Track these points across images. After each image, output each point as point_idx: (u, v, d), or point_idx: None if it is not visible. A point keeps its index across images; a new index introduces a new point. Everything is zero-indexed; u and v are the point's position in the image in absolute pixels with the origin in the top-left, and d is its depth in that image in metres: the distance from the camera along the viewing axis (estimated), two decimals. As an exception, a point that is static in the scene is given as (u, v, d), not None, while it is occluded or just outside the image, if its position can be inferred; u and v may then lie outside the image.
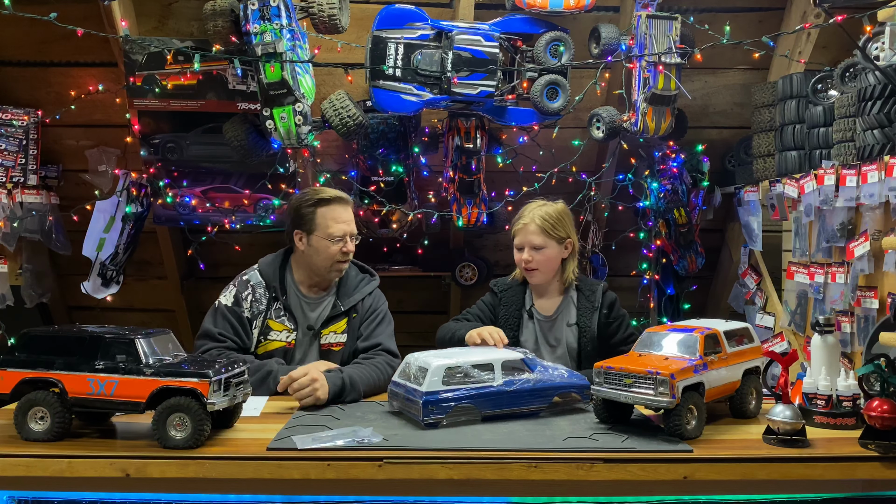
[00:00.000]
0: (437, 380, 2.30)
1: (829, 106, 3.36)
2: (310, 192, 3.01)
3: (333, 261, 2.92)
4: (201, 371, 2.05)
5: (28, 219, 3.83)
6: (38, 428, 2.08)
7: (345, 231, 2.91)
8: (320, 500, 2.08)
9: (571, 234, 3.04)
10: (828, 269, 3.09)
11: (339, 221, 2.91)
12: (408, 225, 4.09)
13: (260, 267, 2.99)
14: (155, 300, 4.62)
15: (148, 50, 3.66)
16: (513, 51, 3.66)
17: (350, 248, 2.93)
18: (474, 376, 2.35)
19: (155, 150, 3.92)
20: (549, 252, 2.98)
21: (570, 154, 3.88)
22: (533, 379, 2.41)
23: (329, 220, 2.90)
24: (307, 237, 2.92)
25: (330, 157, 4.23)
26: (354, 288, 3.02)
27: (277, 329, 2.91)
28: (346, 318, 2.98)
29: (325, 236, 2.89)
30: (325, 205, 2.93)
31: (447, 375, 2.32)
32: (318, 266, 2.94)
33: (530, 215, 3.00)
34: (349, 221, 2.95)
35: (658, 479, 2.00)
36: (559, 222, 2.99)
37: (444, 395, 2.29)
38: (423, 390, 2.28)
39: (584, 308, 3.00)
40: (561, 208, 3.05)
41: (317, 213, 2.91)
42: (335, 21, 3.38)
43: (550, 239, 2.97)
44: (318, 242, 2.90)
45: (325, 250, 2.90)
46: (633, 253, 4.41)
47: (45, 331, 2.22)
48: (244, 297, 2.91)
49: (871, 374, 2.19)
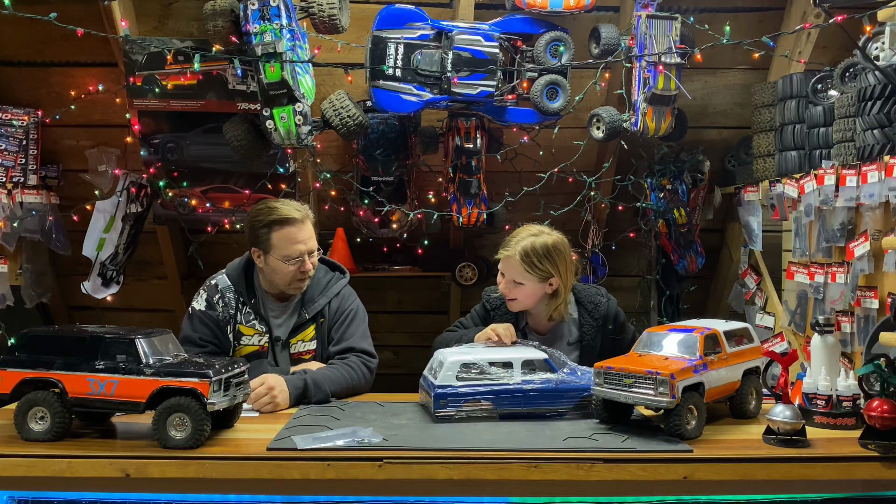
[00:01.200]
0: (451, 374, 2.33)
1: (829, 106, 3.36)
2: (264, 212, 2.86)
3: (292, 279, 2.83)
4: (201, 371, 2.05)
5: (28, 219, 3.83)
6: (38, 428, 2.08)
7: (301, 251, 2.80)
8: (320, 500, 2.08)
9: (560, 271, 2.79)
10: (828, 269, 3.09)
11: (294, 242, 2.80)
12: (408, 225, 4.09)
13: (227, 272, 2.94)
14: (155, 300, 4.62)
15: (148, 50, 3.66)
16: (513, 51, 3.66)
17: (308, 266, 2.83)
18: (491, 373, 2.35)
19: (155, 150, 3.92)
20: (527, 290, 2.79)
21: (570, 154, 3.88)
22: (555, 380, 2.38)
23: (285, 242, 2.79)
24: (264, 256, 2.84)
25: (330, 157, 4.23)
26: (320, 292, 2.93)
27: (248, 333, 2.87)
28: (313, 325, 2.91)
29: (280, 258, 2.79)
30: (279, 226, 2.80)
31: (462, 371, 2.34)
32: (277, 283, 2.86)
33: (516, 247, 2.79)
34: (306, 240, 2.83)
35: (658, 479, 2.00)
36: (545, 259, 2.76)
37: (456, 389, 2.31)
38: (436, 383, 2.32)
39: (588, 325, 2.86)
40: (552, 243, 2.80)
41: (272, 235, 2.80)
42: (335, 21, 3.38)
43: (531, 275, 2.76)
44: (275, 263, 2.81)
45: (282, 271, 2.81)
46: (633, 253, 4.41)
47: (45, 331, 2.22)
48: (216, 301, 2.87)
49: (871, 374, 2.19)
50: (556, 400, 2.38)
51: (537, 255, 2.76)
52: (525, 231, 2.87)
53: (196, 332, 2.85)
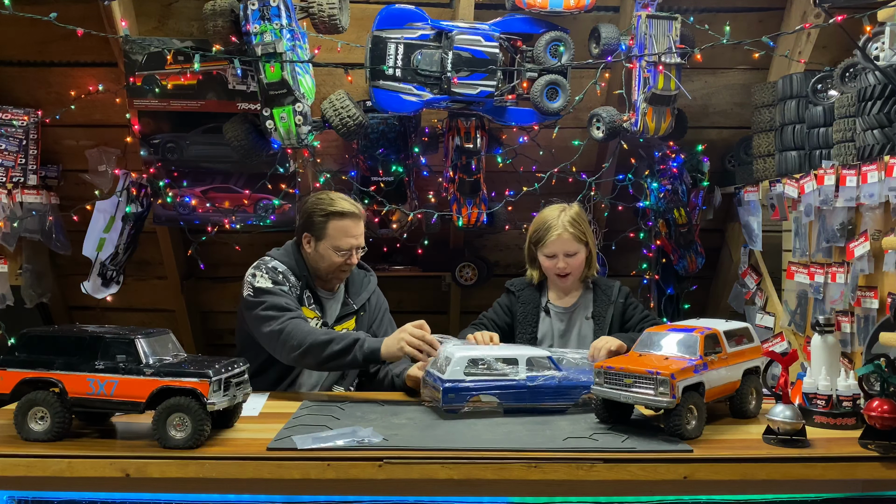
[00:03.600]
0: (459, 369, 2.39)
1: (829, 106, 3.36)
2: (325, 200, 3.02)
3: (336, 269, 2.99)
4: (201, 371, 2.05)
5: (28, 219, 3.83)
6: (38, 428, 2.08)
7: (352, 245, 2.97)
8: (320, 500, 2.08)
9: (590, 235, 3.14)
10: (828, 269, 3.09)
11: (349, 236, 2.96)
12: (408, 225, 4.09)
13: (278, 258, 2.99)
14: (155, 300, 4.62)
15: (148, 50, 3.65)
16: (513, 51, 3.66)
17: (354, 260, 2.99)
18: (497, 369, 2.42)
19: (155, 150, 3.92)
20: (581, 256, 3.09)
21: (570, 154, 3.88)
22: (558, 377, 2.45)
23: (339, 233, 2.95)
24: (315, 242, 2.98)
25: (330, 157, 4.23)
26: (363, 287, 3.12)
27: (310, 316, 2.93)
28: (354, 317, 3.07)
29: (332, 247, 2.95)
30: (339, 218, 2.96)
31: (470, 366, 2.40)
32: (320, 270, 3.00)
33: (561, 224, 3.05)
34: (359, 236, 3.00)
35: (658, 479, 2.00)
36: (585, 226, 3.11)
37: (464, 384, 2.37)
38: (444, 378, 2.37)
39: (601, 301, 3.11)
40: (579, 210, 3.16)
41: (329, 224, 2.95)
42: (335, 21, 3.38)
43: (581, 244, 3.07)
44: (325, 251, 2.96)
45: (330, 259, 2.96)
46: (633, 253, 4.41)
47: (45, 331, 2.23)
48: (281, 281, 2.91)
49: (871, 374, 2.19)
50: (560, 396, 2.45)
51: (579, 225, 3.08)
52: (555, 209, 3.13)
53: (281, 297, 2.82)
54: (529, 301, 3.16)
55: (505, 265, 4.63)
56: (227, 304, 4.62)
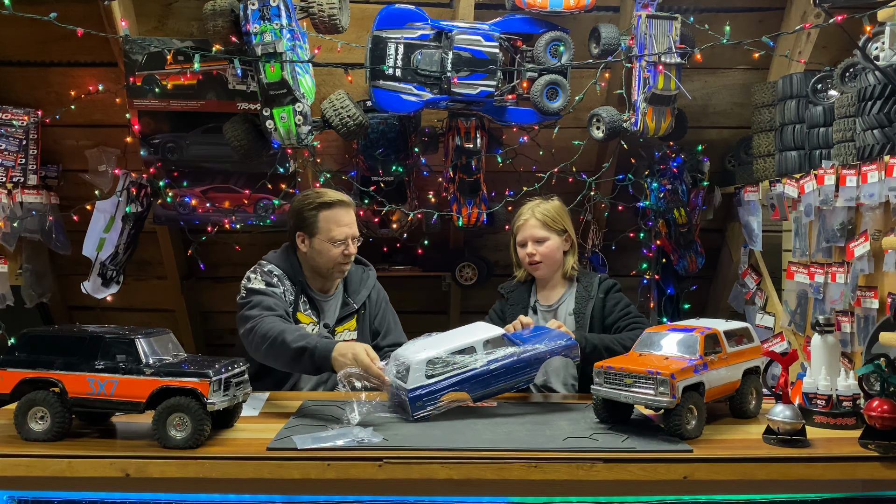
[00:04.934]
0: (419, 375, 2.34)
1: (829, 106, 3.36)
2: (312, 195, 3.03)
3: (335, 263, 2.96)
4: (201, 371, 2.05)
5: (28, 219, 3.83)
6: (38, 428, 2.08)
7: (346, 234, 2.94)
8: (320, 500, 2.08)
9: (569, 227, 3.15)
10: (828, 269, 3.09)
11: (341, 225, 2.94)
12: (408, 225, 4.09)
13: (274, 262, 2.98)
14: (155, 300, 4.62)
15: (148, 50, 3.65)
16: (513, 51, 3.65)
17: (352, 250, 2.97)
18: (457, 362, 2.39)
19: (155, 150, 3.92)
20: (552, 244, 3.08)
21: (570, 154, 3.88)
22: (517, 352, 2.43)
23: (331, 224, 2.93)
24: (309, 239, 2.96)
25: (330, 157, 4.23)
26: (361, 284, 3.10)
27: (305, 322, 2.94)
28: (355, 316, 3.05)
29: (327, 239, 2.93)
30: (328, 208, 2.95)
31: (429, 368, 2.36)
32: (321, 267, 2.98)
33: (530, 211, 3.11)
34: (351, 224, 2.98)
35: (658, 479, 2.00)
36: (558, 216, 3.11)
37: (429, 388, 2.34)
38: (407, 387, 2.33)
39: (581, 297, 3.08)
40: (557, 204, 3.17)
41: (319, 217, 2.94)
42: (335, 21, 3.38)
43: (551, 231, 3.08)
44: (321, 245, 2.94)
45: (327, 253, 2.94)
46: (633, 253, 4.41)
47: (45, 331, 2.23)
48: (275, 284, 2.89)
49: (871, 374, 2.19)
50: (523, 371, 2.43)
51: (551, 213, 3.10)
52: (530, 202, 3.17)
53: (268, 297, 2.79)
54: (518, 301, 3.16)
55: (505, 265, 4.62)
56: (227, 305, 4.61)
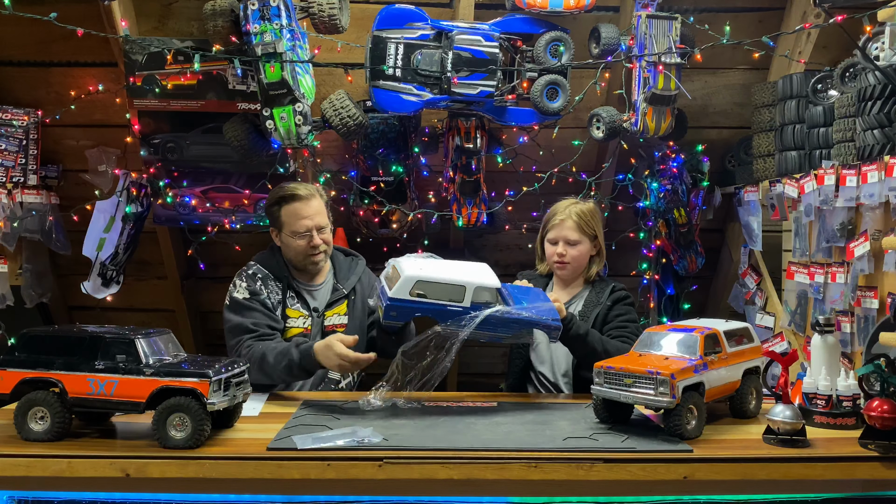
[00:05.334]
0: (405, 289, 2.37)
1: (829, 106, 3.36)
2: (274, 190, 3.10)
3: (305, 255, 3.01)
4: (201, 371, 2.05)
5: (28, 219, 3.83)
6: (38, 428, 2.08)
7: (308, 226, 2.98)
8: (320, 500, 2.08)
9: (600, 233, 3.14)
10: (828, 269, 3.09)
11: (300, 217, 2.98)
12: (408, 225, 4.09)
13: (259, 262, 3.07)
14: (155, 300, 4.62)
15: (148, 50, 3.65)
16: (513, 51, 3.65)
17: (317, 241, 2.99)
18: (443, 294, 2.39)
19: (155, 150, 3.92)
20: (582, 248, 3.08)
21: (570, 154, 3.88)
22: (502, 310, 2.43)
23: (291, 217, 2.99)
24: (279, 234, 3.05)
25: (330, 157, 4.23)
26: (348, 270, 3.16)
27: (294, 316, 3.00)
28: (346, 301, 3.09)
29: (289, 234, 3.00)
30: (287, 202, 3.01)
31: (417, 287, 2.38)
32: (293, 260, 3.05)
33: (566, 211, 3.09)
34: (313, 216, 3.00)
35: (658, 479, 2.00)
36: (592, 220, 3.10)
37: (407, 304, 2.37)
38: (389, 294, 2.37)
39: (591, 302, 3.07)
40: (594, 207, 3.16)
41: (281, 212, 3.02)
42: (335, 21, 3.38)
43: (584, 236, 3.07)
44: (287, 239, 3.02)
45: (294, 246, 3.01)
46: (633, 253, 4.41)
47: (45, 331, 2.23)
48: (258, 288, 2.97)
49: (871, 374, 2.20)
50: (499, 328, 2.42)
51: (587, 216, 3.09)
52: (567, 201, 3.16)
53: (246, 318, 2.89)
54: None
55: (505, 265, 4.62)
56: (227, 304, 4.62)
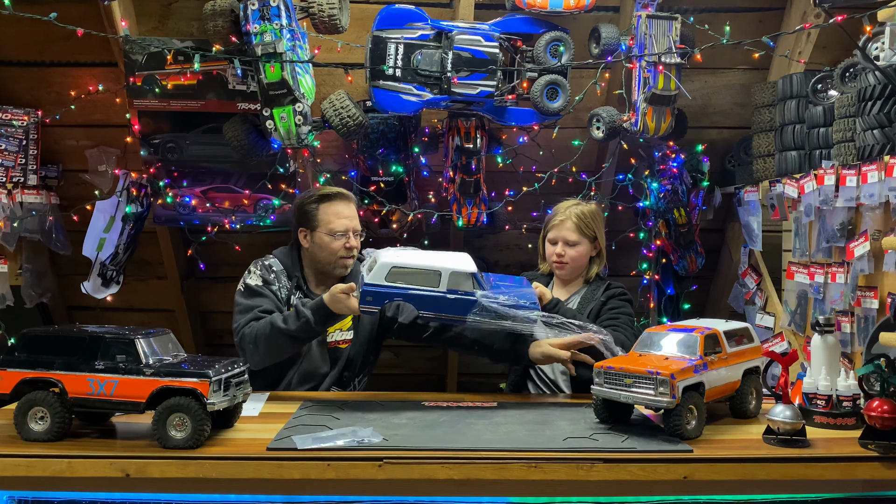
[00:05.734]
0: (380, 274, 2.44)
1: (829, 106, 3.36)
2: (313, 190, 3.16)
3: (337, 256, 3.00)
4: (201, 371, 2.05)
5: (28, 219, 3.83)
6: (38, 428, 2.08)
7: (347, 226, 2.99)
8: (320, 500, 2.08)
9: (601, 234, 3.16)
10: (828, 269, 3.09)
11: (341, 217, 3.00)
12: (408, 225, 4.08)
13: (277, 256, 3.06)
14: (155, 300, 4.61)
15: (148, 50, 3.65)
16: (513, 51, 3.65)
17: (353, 243, 3.01)
18: (419, 281, 2.46)
19: (155, 150, 3.92)
20: (581, 249, 3.10)
21: (570, 154, 3.88)
22: (478, 294, 2.48)
23: (331, 216, 2.99)
24: (311, 234, 3.01)
25: (330, 157, 4.22)
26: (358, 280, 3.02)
27: None
28: (350, 315, 2.96)
29: (327, 232, 2.98)
30: (328, 201, 3.03)
31: (392, 273, 2.44)
32: (323, 262, 3.01)
33: (567, 212, 3.12)
34: (352, 217, 3.04)
35: (658, 479, 2.00)
36: (593, 221, 3.12)
37: (381, 289, 2.43)
38: (366, 280, 2.44)
39: (586, 299, 3.10)
40: (595, 209, 3.18)
41: (319, 210, 3.01)
42: (335, 21, 3.38)
43: (584, 237, 3.10)
44: (321, 239, 2.99)
45: (329, 246, 2.98)
46: (633, 253, 4.41)
47: (45, 331, 2.23)
48: (272, 279, 2.97)
49: (871, 374, 2.20)
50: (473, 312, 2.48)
51: (587, 218, 3.11)
52: (568, 202, 3.20)
53: (256, 303, 2.88)
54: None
55: (505, 265, 4.62)
56: (227, 304, 4.55)
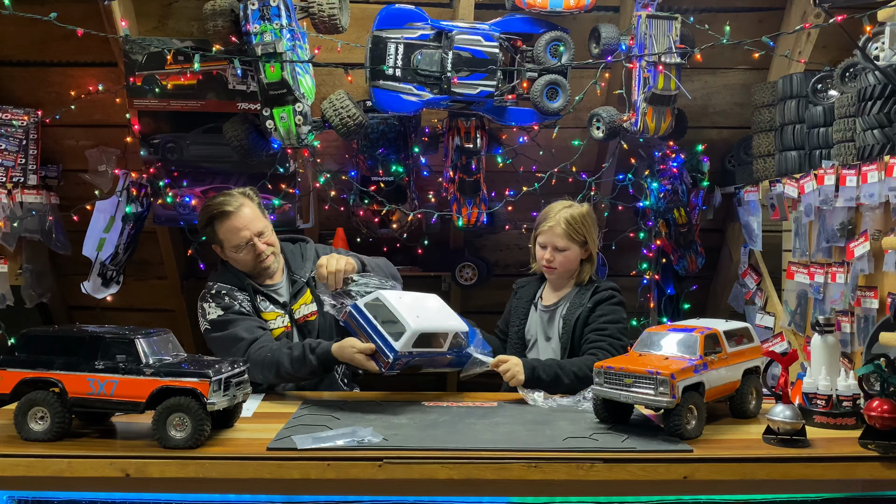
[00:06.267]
0: (408, 342, 2.47)
1: (829, 106, 3.36)
2: (203, 209, 3.01)
3: (254, 264, 2.97)
4: (201, 371, 2.05)
5: (28, 219, 3.83)
6: (38, 428, 2.08)
7: (246, 237, 2.92)
8: (320, 500, 2.08)
9: (591, 237, 3.10)
10: (828, 269, 3.09)
11: (234, 231, 2.91)
12: (408, 225, 4.09)
13: (217, 281, 2.97)
14: (155, 300, 4.62)
15: (148, 50, 3.65)
16: (513, 51, 3.65)
17: (261, 248, 2.93)
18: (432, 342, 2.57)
19: (155, 150, 3.92)
20: (570, 254, 3.06)
21: (570, 154, 3.88)
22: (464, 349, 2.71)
23: (226, 233, 2.93)
24: (222, 250, 3.00)
25: (330, 157, 4.23)
26: (300, 258, 3.10)
27: (271, 318, 2.97)
28: (308, 289, 3.05)
29: (230, 248, 2.94)
30: (219, 221, 2.93)
31: (419, 340, 2.50)
32: (248, 270, 2.99)
33: (556, 217, 3.06)
34: (247, 226, 2.92)
35: (658, 479, 2.00)
36: (583, 226, 3.06)
37: (409, 357, 2.51)
38: (397, 348, 2.45)
39: (574, 306, 3.04)
40: (585, 212, 3.12)
41: (215, 230, 2.95)
42: (335, 21, 3.38)
43: (573, 242, 3.05)
44: (231, 254, 2.96)
45: (240, 259, 2.96)
46: (633, 253, 4.41)
47: (45, 331, 2.23)
48: (229, 303, 2.88)
49: (871, 374, 2.20)
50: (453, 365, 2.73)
51: (577, 222, 3.05)
52: (559, 205, 3.14)
53: (233, 329, 2.81)
54: (524, 296, 3.20)
55: (505, 265, 4.63)
56: (227, 304, 4.61)
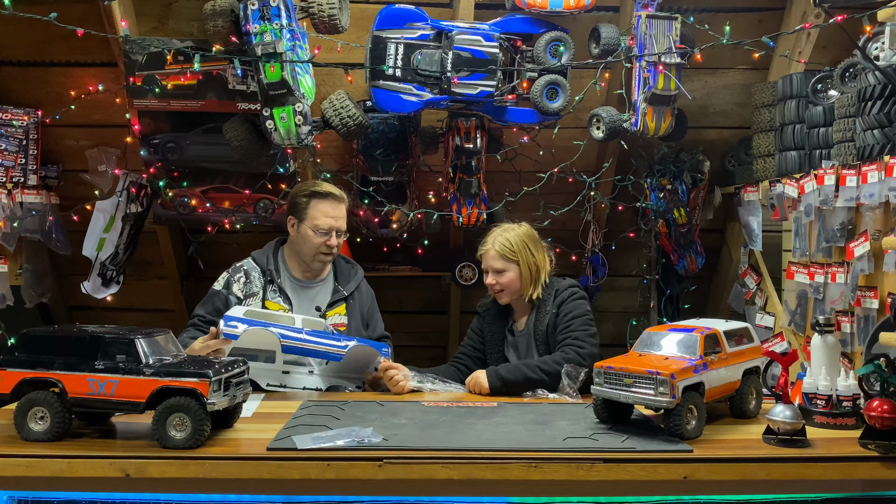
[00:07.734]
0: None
1: (829, 106, 3.36)
2: (309, 183, 3.27)
3: (317, 251, 3.11)
4: (201, 371, 2.05)
5: (28, 219, 3.83)
6: (38, 428, 2.08)
7: (331, 226, 3.10)
8: (320, 500, 2.08)
9: (529, 257, 3.08)
10: (828, 269, 3.09)
11: (327, 216, 3.10)
12: (408, 225, 4.09)
13: (253, 256, 3.21)
14: (155, 300, 4.62)
15: (148, 50, 3.65)
16: (513, 51, 3.65)
17: (333, 242, 3.12)
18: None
19: (155, 150, 3.92)
20: (510, 275, 3.08)
21: (570, 154, 3.88)
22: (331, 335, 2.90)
23: (318, 213, 3.10)
24: (298, 224, 3.14)
25: (330, 157, 4.23)
26: (348, 275, 3.28)
27: (275, 309, 3.07)
28: (345, 304, 3.20)
29: (311, 227, 3.09)
30: (319, 198, 3.13)
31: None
32: (304, 254, 3.14)
33: (491, 241, 3.12)
34: (338, 218, 3.14)
35: (658, 479, 2.00)
36: (517, 247, 3.08)
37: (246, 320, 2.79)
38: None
39: (540, 318, 3.06)
40: (522, 233, 3.13)
41: (309, 204, 3.13)
42: (335, 21, 3.38)
43: (509, 262, 3.07)
44: (306, 232, 3.10)
45: (310, 240, 3.10)
46: (633, 253, 4.41)
47: (45, 331, 2.22)
48: (235, 280, 3.12)
49: (871, 374, 2.19)
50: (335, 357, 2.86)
51: (511, 244, 3.09)
52: (498, 229, 3.19)
53: (202, 308, 3.10)
54: (495, 321, 3.19)
55: (505, 265, 4.62)
56: (227, 304, 4.61)
